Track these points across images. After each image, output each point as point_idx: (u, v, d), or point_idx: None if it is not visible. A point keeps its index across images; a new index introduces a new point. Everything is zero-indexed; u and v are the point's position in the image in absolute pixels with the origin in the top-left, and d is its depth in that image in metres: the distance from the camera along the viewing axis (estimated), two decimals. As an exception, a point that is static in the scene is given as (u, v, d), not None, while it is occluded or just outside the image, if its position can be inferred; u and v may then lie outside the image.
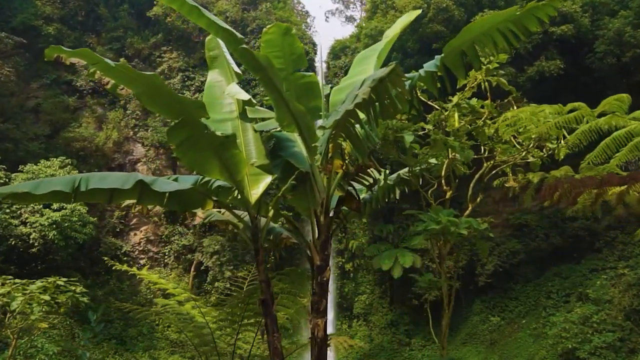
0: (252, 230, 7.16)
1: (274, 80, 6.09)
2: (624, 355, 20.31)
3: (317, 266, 6.28)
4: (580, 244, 26.92)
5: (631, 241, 25.63)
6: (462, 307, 28.99)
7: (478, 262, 28.09)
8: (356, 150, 5.99)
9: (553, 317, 24.50)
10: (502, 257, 27.84)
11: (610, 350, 20.45)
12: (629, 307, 21.62)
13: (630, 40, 24.20)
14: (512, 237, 28.47)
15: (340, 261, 29.99)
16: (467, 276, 28.05)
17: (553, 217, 28.06)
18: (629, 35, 24.22)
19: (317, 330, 6.25)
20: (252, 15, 33.09)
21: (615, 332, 21.17)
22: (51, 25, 30.34)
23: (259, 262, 7.07)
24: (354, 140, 5.86)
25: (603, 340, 20.68)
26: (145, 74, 6.28)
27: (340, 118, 5.39)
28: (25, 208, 24.28)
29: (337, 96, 7.71)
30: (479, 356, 26.47)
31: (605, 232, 26.35)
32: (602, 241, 26.07)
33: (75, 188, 6.24)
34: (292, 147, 7.54)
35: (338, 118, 5.41)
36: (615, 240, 26.00)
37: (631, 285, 22.20)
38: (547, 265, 27.68)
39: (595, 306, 22.97)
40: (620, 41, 24.48)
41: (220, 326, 9.04)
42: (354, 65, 8.28)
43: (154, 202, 7.08)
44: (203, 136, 6.65)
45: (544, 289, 27.26)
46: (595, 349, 20.57)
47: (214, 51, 8.47)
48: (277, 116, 6.66)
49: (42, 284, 10.78)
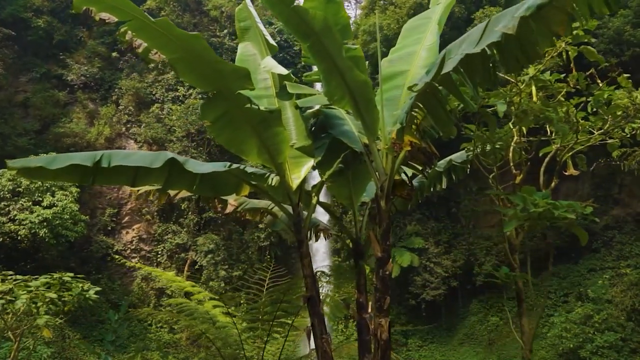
0: (295, 219, 6.59)
1: (328, 47, 5.41)
2: (626, 355, 20.20)
3: (379, 258, 5.73)
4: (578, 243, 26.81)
5: (628, 241, 25.65)
6: (459, 307, 28.81)
7: (476, 262, 27.91)
8: (436, 123, 5.27)
9: (553, 317, 24.35)
10: (500, 257, 27.65)
11: (613, 350, 20.33)
12: (630, 306, 21.53)
13: (630, 39, 24.18)
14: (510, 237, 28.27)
15: (337, 260, 29.57)
16: (464, 276, 27.88)
17: (503, 222, 27.89)
18: (629, 34, 24.20)
19: (380, 332, 5.70)
20: (248, 9, 32.56)
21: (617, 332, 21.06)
22: (41, 18, 29.55)
23: (303, 255, 6.45)
24: (439, 110, 5.13)
25: (605, 340, 20.56)
26: (187, 34, 5.44)
27: (441, 74, 4.47)
28: (14, 205, 23.60)
29: (391, 69, 7.09)
30: (477, 357, 26.26)
31: (603, 232, 26.28)
32: (600, 241, 25.99)
33: (96, 163, 5.51)
34: (341, 125, 6.90)
35: (441, 72, 4.51)
36: (613, 240, 25.95)
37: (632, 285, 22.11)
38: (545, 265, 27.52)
39: (595, 306, 22.88)
40: (620, 40, 24.44)
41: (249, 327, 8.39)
42: (403, 36, 7.65)
43: (182, 185, 6.42)
44: (242, 112, 6.01)
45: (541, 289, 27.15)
46: (598, 349, 20.45)
47: (245, 22, 7.63)
48: (326, 90, 6.00)
49: (46, 280, 10.19)
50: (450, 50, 4.73)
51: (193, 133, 29.11)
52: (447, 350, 27.45)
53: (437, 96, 5.03)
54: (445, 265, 27.83)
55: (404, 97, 6.67)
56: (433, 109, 5.23)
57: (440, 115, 5.23)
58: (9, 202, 23.62)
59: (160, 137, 29.32)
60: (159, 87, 30.97)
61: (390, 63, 7.16)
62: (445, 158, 7.82)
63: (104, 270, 27.98)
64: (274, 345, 10.92)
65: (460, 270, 27.84)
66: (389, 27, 27.48)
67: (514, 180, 6.25)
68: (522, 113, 5.32)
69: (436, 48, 7.14)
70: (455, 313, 28.60)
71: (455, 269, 27.86)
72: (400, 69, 7.08)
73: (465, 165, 7.54)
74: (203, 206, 28.59)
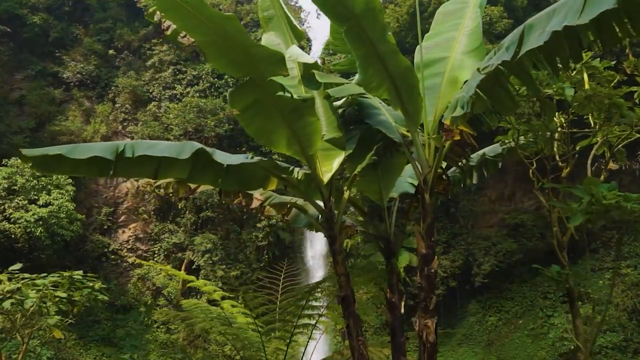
0: (327, 214, 6.28)
1: (369, 31, 5.07)
2: (630, 356, 20.20)
3: (423, 255, 5.51)
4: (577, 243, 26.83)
5: (627, 241, 25.70)
6: (457, 308, 28.72)
7: (474, 262, 27.86)
8: (499, 108, 5.01)
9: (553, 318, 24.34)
10: (499, 257, 27.63)
11: (616, 351, 20.32)
12: (631, 307, 21.54)
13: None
14: (508, 237, 28.28)
15: (335, 261, 29.38)
16: (463, 276, 27.80)
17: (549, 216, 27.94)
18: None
19: (426, 333, 5.50)
20: (247, 8, 32.34)
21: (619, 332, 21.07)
22: (37, 15, 29.14)
23: (336, 252, 6.17)
24: (502, 93, 4.74)
25: (609, 340, 20.55)
26: (221, 15, 5.13)
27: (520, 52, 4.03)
28: (9, 203, 23.24)
29: (427, 56, 6.71)
30: (475, 357, 26.20)
31: (602, 232, 26.29)
32: (599, 241, 26.00)
33: (119, 154, 5.19)
34: (377, 114, 6.59)
35: (521, 50, 4.07)
36: (611, 240, 25.97)
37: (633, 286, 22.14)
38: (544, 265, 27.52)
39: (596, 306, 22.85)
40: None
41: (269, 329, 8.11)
42: (437, 22, 7.29)
43: (206, 178, 6.07)
44: (273, 100, 5.71)
45: (540, 289, 27.16)
46: (601, 349, 20.42)
47: (268, 11, 7.31)
48: (362, 77, 5.66)
49: (54, 279, 9.90)
50: (533, 25, 4.30)
51: (190, 132, 28.80)
52: (445, 350, 27.34)
53: (500, 78, 4.69)
54: (444, 265, 27.71)
55: (445, 85, 6.40)
56: (496, 93, 4.90)
57: (503, 99, 4.90)
58: (4, 200, 23.27)
59: (157, 135, 28.96)
60: (156, 85, 30.65)
61: (425, 50, 6.81)
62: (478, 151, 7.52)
63: (100, 270, 27.57)
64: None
65: (459, 271, 27.76)
66: (389, 25, 27.39)
67: (561, 174, 6.08)
68: (585, 99, 5.08)
69: (479, 32, 6.84)
70: (454, 313, 28.51)
71: (454, 269, 27.76)
72: (438, 56, 6.79)
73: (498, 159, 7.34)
74: (200, 205, 28.35)
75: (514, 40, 4.31)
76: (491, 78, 4.67)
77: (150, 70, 30.85)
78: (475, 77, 4.83)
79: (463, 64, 6.48)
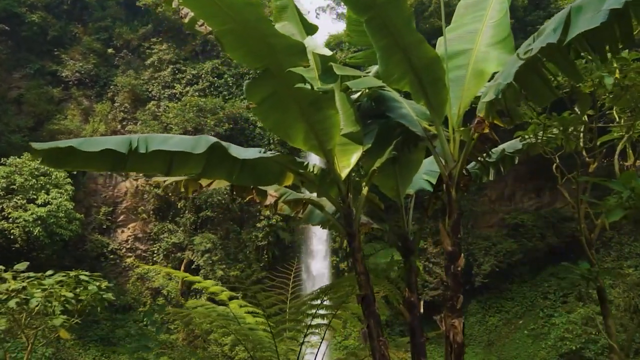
0: (345, 211, 6.14)
1: (393, 20, 4.90)
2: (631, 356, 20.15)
3: (449, 253, 5.41)
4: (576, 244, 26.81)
5: (627, 241, 25.72)
6: (457, 308, 28.64)
7: (474, 262, 27.82)
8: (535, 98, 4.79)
9: (553, 318, 24.31)
10: (499, 257, 27.62)
11: (619, 351, 20.26)
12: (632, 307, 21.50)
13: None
14: (508, 237, 28.28)
15: (335, 260, 29.30)
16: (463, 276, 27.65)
17: (549, 216, 27.99)
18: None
19: (453, 333, 5.37)
20: (266, 2, 32.23)
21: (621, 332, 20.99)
22: (35, 13, 28.95)
23: (355, 250, 6.02)
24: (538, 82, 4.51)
25: (612, 340, 20.49)
26: (242, 1, 4.97)
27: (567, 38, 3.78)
28: (8, 203, 23.05)
29: (450, 48, 6.51)
30: (476, 357, 26.14)
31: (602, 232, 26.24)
32: (599, 241, 25.97)
33: (132, 149, 5.05)
34: (399, 107, 6.41)
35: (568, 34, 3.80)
36: (611, 240, 25.99)
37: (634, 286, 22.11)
38: (544, 265, 27.57)
39: (597, 306, 22.83)
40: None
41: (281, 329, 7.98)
42: (459, 14, 7.12)
43: (221, 173, 5.90)
44: (291, 92, 5.56)
45: (540, 289, 27.15)
46: (603, 349, 20.38)
47: (281, 1, 7.27)
48: (383, 69, 5.49)
49: (60, 278, 9.78)
50: (582, 6, 3.98)
51: (190, 131, 28.65)
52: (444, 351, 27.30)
53: (537, 65, 4.48)
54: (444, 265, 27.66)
55: (469, 77, 6.25)
56: (532, 82, 4.68)
57: (539, 88, 4.69)
58: (2, 200, 23.09)
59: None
60: (156, 84, 30.49)
61: (447, 42, 6.61)
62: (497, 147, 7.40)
63: (99, 270, 27.14)
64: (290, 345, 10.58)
65: (459, 271, 27.69)
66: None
67: (587, 168, 5.99)
68: (621, 90, 4.96)
69: (506, 23, 6.69)
70: (454, 313, 28.44)
71: (454, 269, 27.68)
72: (462, 48, 6.64)
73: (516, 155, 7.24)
74: (200, 205, 28.20)
75: (560, 23, 4.05)
76: (526, 66, 4.48)
77: (150, 69, 30.69)
78: (513, 63, 4.63)
79: (488, 56, 6.33)
